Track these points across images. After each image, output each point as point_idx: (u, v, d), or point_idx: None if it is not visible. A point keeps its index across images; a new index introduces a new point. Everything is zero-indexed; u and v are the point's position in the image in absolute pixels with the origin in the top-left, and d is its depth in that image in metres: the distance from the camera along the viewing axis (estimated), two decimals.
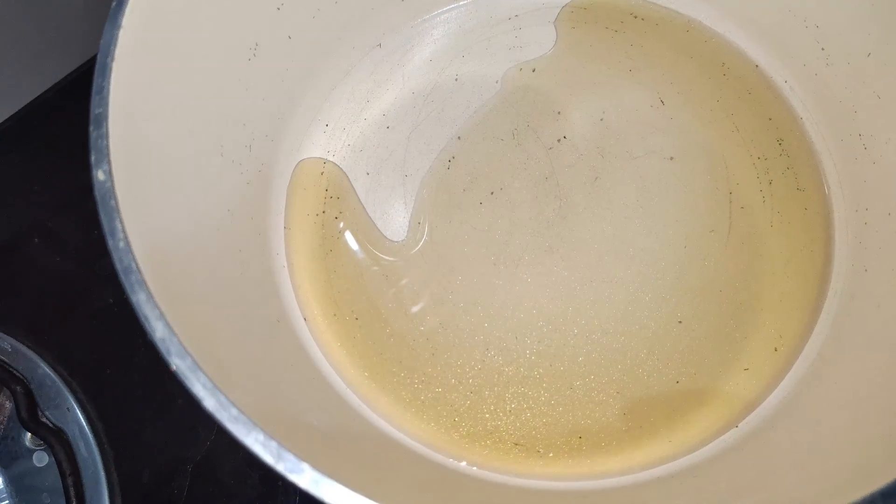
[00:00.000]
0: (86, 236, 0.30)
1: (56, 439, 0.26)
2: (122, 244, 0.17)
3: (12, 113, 0.32)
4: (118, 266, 0.17)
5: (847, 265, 0.25)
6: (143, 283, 0.16)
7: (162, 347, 0.16)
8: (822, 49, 0.26)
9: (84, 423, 0.27)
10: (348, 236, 0.27)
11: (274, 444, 0.15)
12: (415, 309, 0.26)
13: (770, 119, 0.27)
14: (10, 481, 0.26)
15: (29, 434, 0.27)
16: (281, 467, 0.15)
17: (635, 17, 0.29)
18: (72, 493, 0.26)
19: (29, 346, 0.28)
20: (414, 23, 0.30)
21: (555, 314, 0.26)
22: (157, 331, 0.16)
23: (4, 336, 0.28)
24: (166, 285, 0.17)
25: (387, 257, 0.27)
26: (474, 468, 0.23)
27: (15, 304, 0.29)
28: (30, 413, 0.27)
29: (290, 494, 0.27)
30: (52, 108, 0.33)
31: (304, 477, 0.15)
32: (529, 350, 0.25)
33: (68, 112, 0.32)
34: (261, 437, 0.15)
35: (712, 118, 0.28)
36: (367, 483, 0.15)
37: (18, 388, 0.27)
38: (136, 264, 0.17)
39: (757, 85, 0.28)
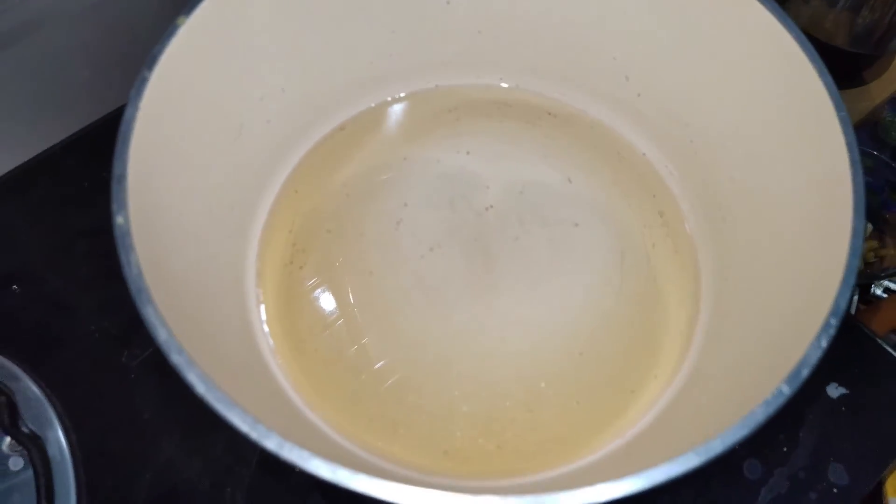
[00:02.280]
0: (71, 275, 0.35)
1: (33, 444, 0.30)
2: (135, 271, 0.22)
3: (17, 165, 0.38)
4: (132, 287, 0.22)
5: (711, 311, 0.31)
6: (151, 300, 0.21)
7: (165, 347, 0.21)
8: (691, 142, 0.33)
9: (60, 432, 0.31)
10: (311, 283, 0.32)
11: (250, 417, 0.20)
12: (365, 341, 0.31)
13: (654, 196, 0.34)
14: None
15: (8, 439, 0.30)
16: (254, 435, 0.19)
17: (549, 114, 0.36)
18: (43, 493, 0.29)
19: (16, 364, 0.32)
20: (371, 110, 0.36)
21: (482, 349, 0.31)
22: (162, 335, 0.21)
23: None
24: (167, 303, 0.22)
25: (344, 301, 0.32)
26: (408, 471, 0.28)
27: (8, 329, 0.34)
28: (11, 420, 0.31)
29: (237, 502, 0.31)
30: (53, 164, 0.38)
31: (272, 440, 0.19)
32: (460, 376, 0.30)
33: (66, 169, 0.38)
34: (239, 412, 0.20)
35: (610, 194, 0.34)
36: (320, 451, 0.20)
37: (3, 398, 0.31)
38: (146, 286, 0.22)
39: (644, 169, 0.35)
